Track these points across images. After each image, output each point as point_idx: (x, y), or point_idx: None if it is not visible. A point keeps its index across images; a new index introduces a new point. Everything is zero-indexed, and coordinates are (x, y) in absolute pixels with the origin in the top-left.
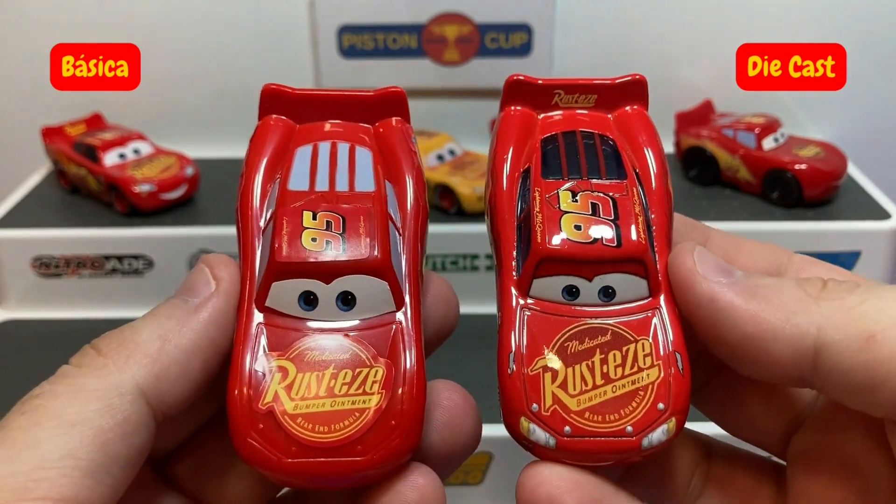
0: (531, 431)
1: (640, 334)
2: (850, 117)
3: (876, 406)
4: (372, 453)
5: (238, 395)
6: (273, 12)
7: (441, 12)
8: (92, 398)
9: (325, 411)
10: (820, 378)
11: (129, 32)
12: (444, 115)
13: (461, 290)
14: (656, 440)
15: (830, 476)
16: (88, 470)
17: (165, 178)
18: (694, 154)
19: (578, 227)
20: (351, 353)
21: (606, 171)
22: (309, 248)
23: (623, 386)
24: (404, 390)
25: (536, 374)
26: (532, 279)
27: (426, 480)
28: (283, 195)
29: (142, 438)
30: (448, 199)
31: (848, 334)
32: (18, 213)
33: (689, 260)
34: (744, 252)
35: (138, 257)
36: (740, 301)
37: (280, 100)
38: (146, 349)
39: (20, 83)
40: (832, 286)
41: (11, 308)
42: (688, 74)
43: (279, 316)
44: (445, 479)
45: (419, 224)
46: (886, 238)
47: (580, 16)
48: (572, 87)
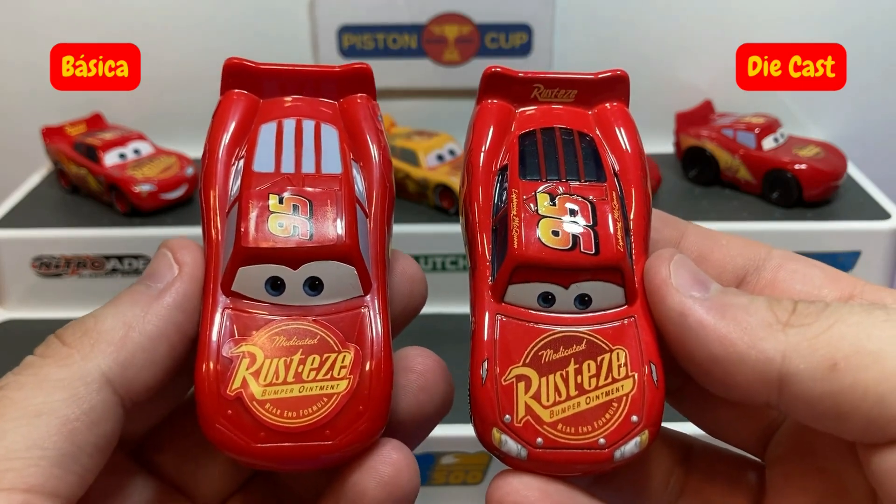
0: (503, 443)
1: (615, 343)
2: (850, 117)
3: (844, 432)
4: (340, 437)
5: (206, 382)
6: (273, 12)
7: (441, 12)
8: (57, 388)
9: (293, 397)
10: (786, 404)
11: (129, 32)
12: (444, 115)
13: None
14: (629, 452)
15: (808, 479)
16: (55, 459)
17: (165, 178)
18: (694, 154)
19: (556, 232)
20: (318, 339)
21: (585, 172)
22: (276, 233)
23: (597, 397)
24: (371, 374)
25: (510, 383)
26: (507, 285)
27: (399, 455)
28: (247, 177)
29: (110, 426)
30: (448, 199)
31: (812, 363)
32: (18, 213)
33: (665, 270)
34: (720, 248)
35: (138, 257)
36: (710, 319)
37: (243, 74)
38: (110, 337)
39: (20, 83)
40: (801, 309)
41: (11, 308)
42: (688, 74)
43: (246, 301)
44: (420, 443)
45: (386, 204)
46: (886, 238)
47: (580, 16)
48: (552, 81)
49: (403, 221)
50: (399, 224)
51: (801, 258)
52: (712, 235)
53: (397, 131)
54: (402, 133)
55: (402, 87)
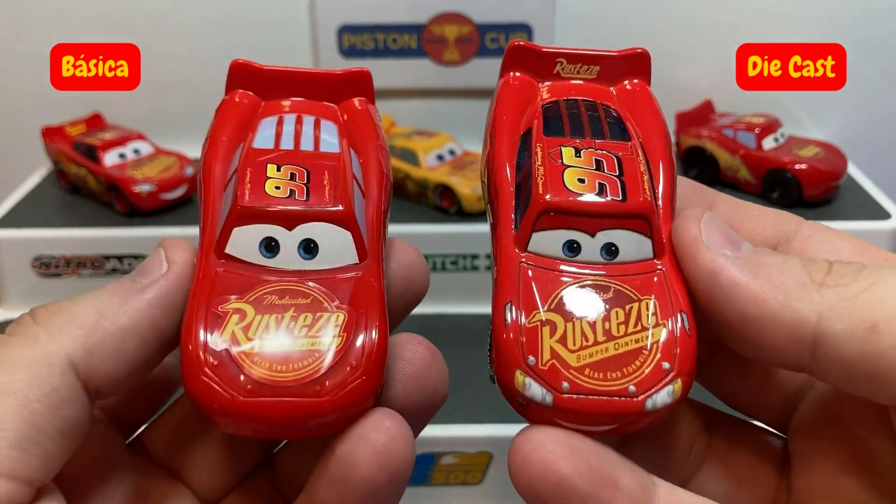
0: (527, 386)
1: (644, 293)
2: (850, 117)
3: (878, 396)
4: (331, 394)
5: (192, 336)
6: (273, 12)
7: (441, 12)
8: (19, 367)
9: (283, 352)
10: (819, 367)
11: (129, 32)
12: (444, 115)
13: (461, 290)
14: (661, 402)
15: (833, 447)
16: (14, 441)
17: (165, 178)
18: (694, 154)
19: (582, 180)
20: (311, 299)
21: (610, 133)
22: (272, 194)
23: (626, 343)
24: (366, 335)
25: (534, 326)
26: (532, 233)
27: (392, 423)
28: (248, 152)
29: (74, 411)
30: (448, 199)
31: (850, 324)
32: (18, 213)
33: (695, 227)
34: (751, 219)
35: (138, 257)
36: (742, 278)
37: (247, 75)
38: (81, 321)
39: (20, 83)
40: (837, 269)
41: (11, 308)
42: (688, 74)
43: (239, 263)
44: (415, 437)
45: (383, 189)
46: (886, 238)
47: (580, 16)
48: (575, 56)
49: (403, 221)
50: (399, 224)
51: (831, 230)
52: (743, 206)
53: (397, 131)
54: (402, 133)
55: (402, 87)
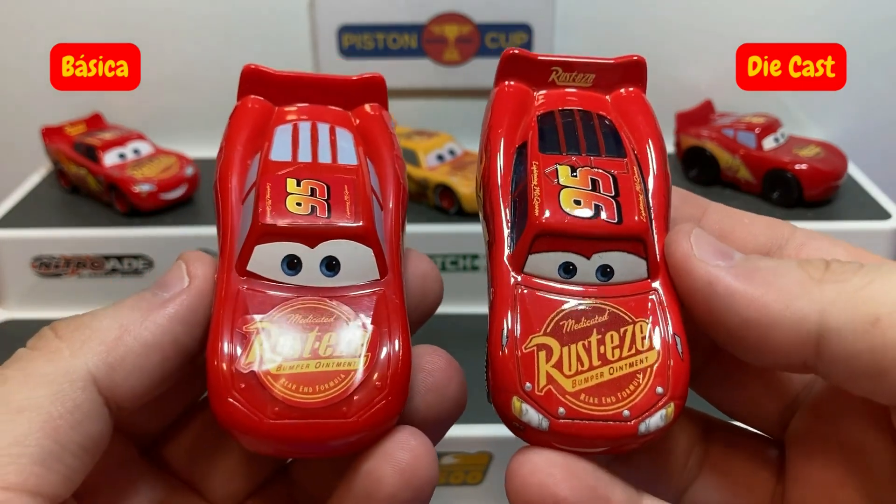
0: (523, 412)
1: (638, 316)
2: (850, 117)
3: (881, 393)
4: (358, 415)
5: (218, 357)
6: (273, 12)
7: (441, 12)
8: (42, 383)
9: (309, 372)
10: (823, 364)
11: (129, 32)
12: (444, 115)
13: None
14: (654, 426)
15: (830, 457)
16: (37, 457)
17: (165, 178)
18: (694, 154)
19: (578, 201)
20: (335, 317)
21: (606, 148)
22: (294, 211)
23: (620, 368)
24: (390, 353)
25: (530, 352)
26: (527, 254)
27: (418, 441)
28: (265, 164)
29: (96, 427)
30: (448, 199)
31: (852, 318)
32: (18, 213)
33: (686, 243)
34: (742, 227)
35: (138, 257)
36: (739, 285)
37: (260, 81)
38: (103, 336)
39: (20, 83)
40: (836, 267)
41: (11, 308)
42: (688, 74)
43: (261, 280)
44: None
45: (400, 200)
46: (886, 238)
47: (580, 16)
48: (570, 65)
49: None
50: None
51: (825, 237)
52: (734, 214)
53: (397, 131)
54: (402, 133)
55: (402, 87)
